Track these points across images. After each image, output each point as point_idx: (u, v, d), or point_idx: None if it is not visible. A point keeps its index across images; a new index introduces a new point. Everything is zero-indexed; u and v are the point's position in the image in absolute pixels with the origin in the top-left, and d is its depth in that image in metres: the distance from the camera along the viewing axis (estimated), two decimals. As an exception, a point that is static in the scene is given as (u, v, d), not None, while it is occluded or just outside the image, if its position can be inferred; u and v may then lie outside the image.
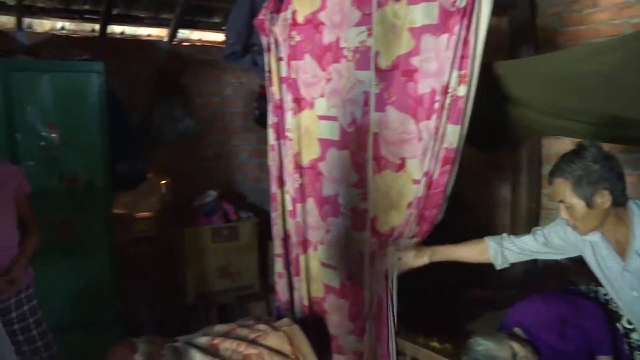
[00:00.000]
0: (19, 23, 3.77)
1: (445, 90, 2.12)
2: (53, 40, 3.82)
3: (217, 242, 4.10)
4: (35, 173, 2.98)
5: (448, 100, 2.13)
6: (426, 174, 2.25)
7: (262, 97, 4.26)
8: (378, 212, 2.52)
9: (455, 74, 2.10)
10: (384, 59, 2.39)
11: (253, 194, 4.73)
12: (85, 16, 4.02)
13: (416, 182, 2.33)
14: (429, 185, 2.25)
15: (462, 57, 2.08)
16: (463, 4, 2.04)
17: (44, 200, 3.01)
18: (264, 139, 4.49)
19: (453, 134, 2.16)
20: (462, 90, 2.10)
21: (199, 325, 4.14)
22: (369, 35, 2.43)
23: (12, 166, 2.39)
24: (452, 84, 2.11)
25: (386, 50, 2.38)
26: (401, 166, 2.41)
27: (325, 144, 2.69)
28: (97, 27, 4.08)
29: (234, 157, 4.66)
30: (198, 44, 4.53)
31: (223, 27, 4.44)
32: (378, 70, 2.42)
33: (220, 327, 2.76)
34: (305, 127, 2.75)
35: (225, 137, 4.59)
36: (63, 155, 3.05)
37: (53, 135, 3.02)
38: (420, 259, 2.39)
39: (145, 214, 4.03)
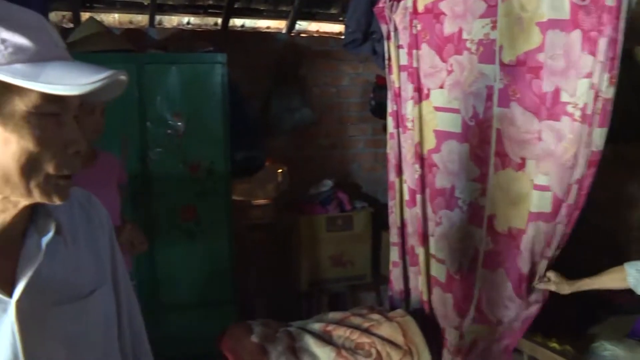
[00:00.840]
0: (151, 20, 4.00)
1: (596, 95, 1.99)
2: (180, 34, 4.01)
3: (331, 231, 4.14)
4: (162, 159, 3.15)
5: (599, 105, 2.00)
6: (575, 182, 2.14)
7: (379, 87, 4.28)
8: (496, 210, 2.43)
9: (605, 77, 1.96)
10: (508, 53, 2.29)
11: (367, 184, 4.73)
12: (209, 11, 4.20)
13: (538, 187, 2.22)
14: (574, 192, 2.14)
15: (612, 59, 1.94)
16: (614, 3, 1.90)
17: (169, 185, 3.19)
18: (379, 130, 4.53)
19: (600, 137, 2.03)
20: (610, 92, 1.97)
21: (311, 312, 4.23)
22: (493, 27, 2.33)
23: (114, 156, 2.52)
24: (603, 87, 1.97)
25: (511, 45, 2.27)
26: (521, 166, 2.31)
27: (442, 135, 2.62)
28: (219, 20, 4.24)
29: (350, 147, 4.67)
30: (315, 35, 4.58)
31: (340, 18, 4.47)
32: (502, 64, 2.31)
33: (333, 315, 2.78)
34: (423, 117, 2.70)
35: (341, 127, 4.61)
36: (187, 143, 3.19)
37: (179, 123, 3.16)
38: (561, 288, 2.30)
39: (262, 201, 4.13)
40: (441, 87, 2.58)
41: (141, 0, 3.93)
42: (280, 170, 4.05)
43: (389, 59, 2.87)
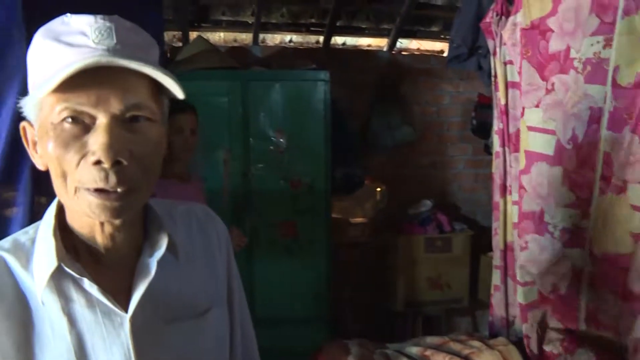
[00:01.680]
0: (255, 38, 4.11)
1: None
2: (282, 52, 4.10)
3: (429, 253, 4.05)
4: (264, 175, 3.21)
5: None
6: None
7: (481, 106, 4.16)
8: (597, 234, 2.27)
9: None
10: (625, 75, 2.13)
11: (467, 205, 4.61)
12: (311, 29, 4.26)
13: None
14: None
15: None
16: None
17: (270, 201, 3.23)
18: (480, 150, 4.40)
19: None
20: None
21: (404, 333, 4.15)
22: (606, 46, 2.19)
23: (202, 179, 2.60)
24: None
25: (629, 65, 2.12)
26: (622, 189, 2.15)
27: (532, 156, 2.48)
28: (321, 38, 4.29)
29: (450, 166, 4.57)
30: (416, 53, 4.54)
31: (442, 36, 4.41)
32: (616, 85, 2.16)
33: (431, 339, 2.69)
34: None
35: (441, 147, 4.52)
36: (289, 159, 3.23)
37: (281, 140, 3.20)
38: None
39: (360, 219, 4.10)
40: (537, 106, 2.46)
41: (246, 19, 4.05)
42: (378, 189, 4.02)
43: (495, 75, 2.77)
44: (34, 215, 1.91)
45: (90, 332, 0.86)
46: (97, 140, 0.77)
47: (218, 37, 4.18)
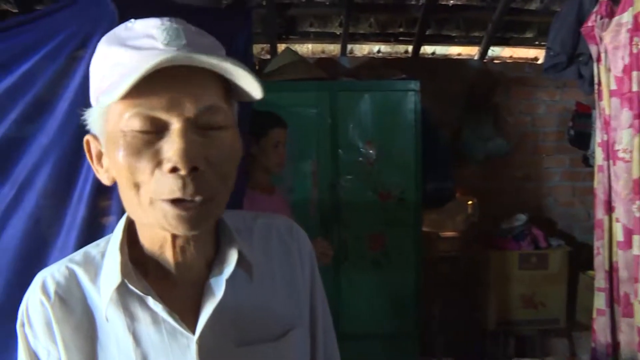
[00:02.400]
0: (343, 49, 4.10)
1: None
2: (370, 62, 4.06)
3: (523, 269, 3.87)
4: (352, 187, 3.16)
5: None
6: None
7: (579, 115, 3.95)
8: None
9: None
10: None
11: (563, 220, 4.39)
12: (400, 38, 4.20)
13: None
14: None
15: None
16: None
17: (359, 213, 3.18)
18: (578, 162, 4.18)
19: None
20: None
21: (496, 353, 3.99)
22: None
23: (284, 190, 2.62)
24: None
25: None
26: None
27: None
28: (410, 48, 4.23)
29: (545, 179, 4.37)
30: (509, 61, 4.39)
31: (536, 42, 4.25)
32: None
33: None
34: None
35: (536, 158, 4.34)
36: (378, 171, 3.17)
37: (370, 151, 3.15)
38: None
39: (450, 233, 3.99)
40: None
41: (333, 31, 4.05)
42: (470, 202, 3.89)
43: (599, 83, 2.61)
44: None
45: (156, 352, 0.83)
46: (172, 147, 0.72)
47: (306, 48, 4.20)
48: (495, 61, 4.36)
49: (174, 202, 0.74)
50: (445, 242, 4.00)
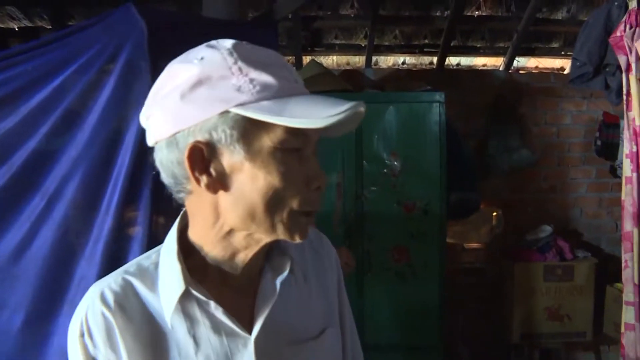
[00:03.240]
0: (368, 61, 4.11)
1: None
2: (395, 74, 4.07)
3: (549, 281, 3.82)
4: (377, 198, 3.15)
5: None
6: None
7: (606, 125, 3.92)
8: None
9: None
10: None
11: (590, 232, 4.33)
12: (425, 50, 4.20)
13: None
14: None
15: None
16: None
17: (383, 225, 3.17)
18: (605, 173, 4.14)
19: None
20: None
21: (522, 367, 3.95)
22: None
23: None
24: None
25: None
26: None
27: None
28: (435, 59, 4.22)
29: (571, 190, 4.31)
30: (535, 71, 4.37)
31: (562, 52, 4.22)
32: None
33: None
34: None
35: (562, 169, 4.29)
36: (402, 182, 3.15)
37: (395, 162, 3.14)
38: None
39: (475, 245, 3.96)
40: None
41: (358, 42, 4.06)
42: (495, 214, 3.86)
43: (628, 93, 2.57)
44: (154, 235, 1.99)
45: (216, 354, 0.88)
46: (316, 170, 0.85)
47: (331, 60, 4.22)
48: (521, 72, 4.34)
49: (307, 213, 0.85)
50: (469, 254, 3.98)
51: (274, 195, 0.82)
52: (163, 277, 0.90)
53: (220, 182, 0.84)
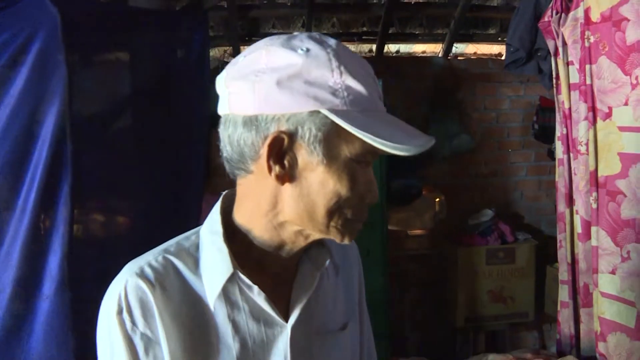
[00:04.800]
0: (306, 49, 4.07)
1: None
2: (334, 61, 4.04)
3: (491, 264, 3.89)
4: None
5: None
6: None
7: (542, 109, 3.99)
8: None
9: None
10: None
11: (530, 214, 4.42)
12: (363, 38, 4.19)
13: None
14: None
15: None
16: None
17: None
18: (543, 156, 4.22)
19: None
20: None
21: (466, 349, 4.01)
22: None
23: None
24: None
25: None
26: None
27: (629, 158, 2.30)
28: (374, 47, 4.21)
29: (511, 174, 4.39)
30: (473, 57, 4.40)
31: (499, 39, 4.27)
32: None
33: (494, 357, 2.60)
34: (600, 139, 2.41)
35: (502, 153, 4.36)
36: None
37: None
38: None
39: (418, 231, 3.99)
40: (625, 103, 2.29)
41: (296, 32, 4.02)
42: (437, 199, 3.89)
43: (557, 77, 2.63)
44: (90, 232, 1.92)
45: (252, 340, 0.89)
46: (373, 186, 0.89)
47: (270, 49, 4.17)
48: (459, 58, 4.36)
49: (358, 221, 0.89)
50: (413, 241, 4.01)
51: (336, 202, 0.84)
52: (206, 259, 0.90)
53: (289, 175, 0.84)
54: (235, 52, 3.89)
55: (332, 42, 0.85)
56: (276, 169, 0.83)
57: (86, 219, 1.87)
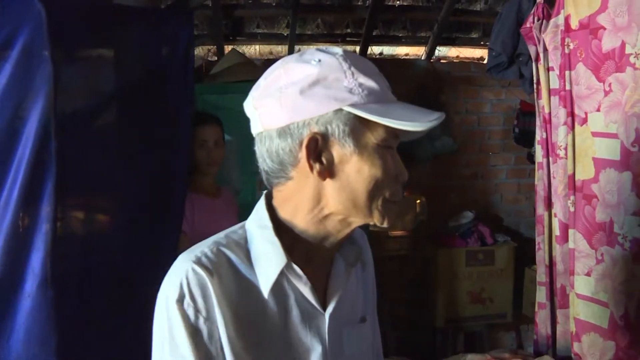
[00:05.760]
0: (290, 50, 4.09)
1: None
2: (318, 62, 4.05)
3: (471, 266, 3.94)
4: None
5: None
6: None
7: (523, 114, 4.05)
8: None
9: None
10: None
11: (510, 217, 4.48)
12: (347, 39, 4.21)
13: None
14: None
15: None
16: None
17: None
18: (523, 159, 4.28)
19: None
20: None
21: (445, 349, 4.05)
22: (667, 36, 2.07)
23: (232, 193, 2.70)
24: None
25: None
26: None
27: (600, 163, 2.36)
28: (357, 48, 4.24)
29: (491, 177, 4.45)
30: (456, 60, 4.45)
31: (482, 43, 4.32)
32: None
33: (472, 357, 2.62)
34: (578, 144, 2.46)
35: (483, 156, 4.41)
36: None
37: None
38: None
39: (399, 232, 4.02)
40: (598, 110, 2.34)
41: (281, 32, 4.03)
42: (418, 201, 3.92)
43: (538, 82, 2.67)
44: (70, 229, 1.91)
45: (295, 327, 0.96)
46: (402, 166, 0.97)
47: (254, 50, 4.17)
48: (442, 61, 4.41)
49: (395, 202, 0.96)
50: (394, 241, 4.03)
51: (375, 185, 0.92)
52: (258, 251, 0.96)
53: (329, 170, 0.93)
54: (220, 51, 3.89)
55: (337, 50, 0.94)
56: (317, 166, 0.92)
57: (69, 216, 1.86)
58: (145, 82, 2.25)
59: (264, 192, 1.02)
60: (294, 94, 0.91)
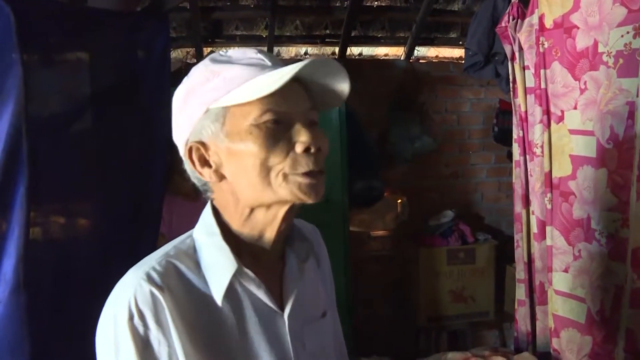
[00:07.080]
0: (270, 52, 4.07)
1: None
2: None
3: (452, 265, 3.96)
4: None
5: None
6: None
7: (502, 112, 4.07)
8: (636, 247, 2.15)
9: None
10: None
11: (490, 215, 4.51)
12: (326, 40, 4.21)
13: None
14: None
15: None
16: None
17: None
18: (503, 158, 4.31)
19: None
20: None
21: (428, 348, 4.06)
22: (637, 35, 2.09)
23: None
24: None
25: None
26: None
27: (577, 161, 2.39)
28: (336, 49, 4.24)
29: (472, 176, 4.47)
30: (435, 60, 4.47)
31: (460, 42, 4.34)
32: None
33: (453, 355, 2.63)
34: (554, 142, 2.48)
35: (463, 155, 4.44)
36: (303, 172, 3.15)
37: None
38: None
39: (381, 232, 4.03)
40: (574, 108, 2.37)
41: (259, 33, 4.03)
42: (399, 201, 3.94)
43: (514, 81, 2.69)
44: (50, 235, 1.88)
45: (254, 329, 0.95)
46: (304, 134, 0.91)
47: (233, 51, 4.15)
48: (421, 61, 4.43)
49: (306, 174, 0.91)
50: (376, 242, 4.04)
51: (260, 164, 0.89)
52: (208, 259, 0.95)
53: (219, 170, 0.94)
54: (198, 54, 3.88)
55: (215, 54, 0.97)
56: (205, 171, 0.95)
57: (45, 221, 1.83)
58: (120, 86, 2.23)
59: (210, 200, 1.03)
60: (175, 115, 0.97)
